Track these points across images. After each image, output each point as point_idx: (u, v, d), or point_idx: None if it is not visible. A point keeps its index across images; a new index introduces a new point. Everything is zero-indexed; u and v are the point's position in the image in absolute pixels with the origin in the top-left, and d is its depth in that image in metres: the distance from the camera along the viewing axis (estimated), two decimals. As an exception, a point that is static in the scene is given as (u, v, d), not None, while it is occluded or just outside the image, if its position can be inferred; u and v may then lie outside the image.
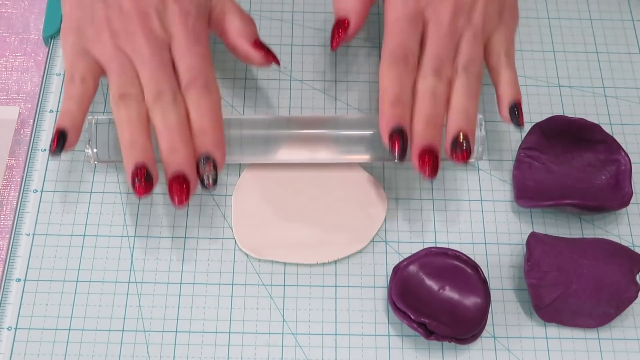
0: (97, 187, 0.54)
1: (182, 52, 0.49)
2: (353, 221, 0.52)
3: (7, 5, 0.62)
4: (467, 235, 0.53)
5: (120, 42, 0.49)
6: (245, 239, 0.52)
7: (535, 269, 0.49)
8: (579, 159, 0.54)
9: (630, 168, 0.53)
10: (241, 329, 0.50)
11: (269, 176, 0.54)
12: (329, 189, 0.53)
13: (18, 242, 0.52)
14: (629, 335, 0.50)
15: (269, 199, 0.53)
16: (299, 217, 0.52)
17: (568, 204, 0.51)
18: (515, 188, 0.53)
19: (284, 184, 0.54)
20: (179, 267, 0.51)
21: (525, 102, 0.58)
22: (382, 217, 0.53)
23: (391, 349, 0.49)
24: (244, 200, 0.53)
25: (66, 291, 0.50)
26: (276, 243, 0.52)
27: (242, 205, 0.53)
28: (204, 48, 0.50)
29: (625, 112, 0.58)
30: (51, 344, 0.49)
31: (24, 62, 0.59)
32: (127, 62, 0.49)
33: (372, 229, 0.52)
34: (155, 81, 0.48)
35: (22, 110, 0.57)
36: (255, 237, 0.52)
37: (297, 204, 0.53)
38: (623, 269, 0.49)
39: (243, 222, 0.52)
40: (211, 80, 0.49)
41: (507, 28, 0.52)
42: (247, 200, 0.53)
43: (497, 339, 0.50)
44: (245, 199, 0.53)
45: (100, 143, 0.51)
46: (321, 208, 0.53)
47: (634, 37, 0.62)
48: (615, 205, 0.52)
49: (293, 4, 0.62)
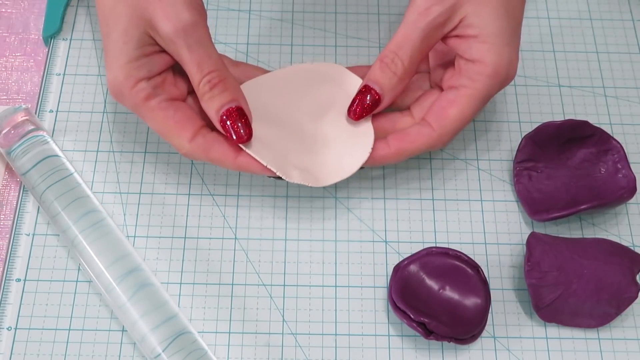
0: (97, 187, 0.54)
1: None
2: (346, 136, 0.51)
3: (7, 5, 0.62)
4: (467, 235, 0.53)
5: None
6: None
7: (535, 269, 0.49)
8: (573, 158, 0.54)
9: (624, 154, 0.53)
10: (241, 329, 0.50)
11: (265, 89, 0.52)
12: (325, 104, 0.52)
13: (18, 242, 0.52)
14: (629, 335, 0.50)
15: (265, 112, 0.51)
16: (295, 132, 0.51)
17: (583, 209, 0.51)
18: (524, 204, 0.53)
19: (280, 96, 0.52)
20: (178, 267, 0.52)
21: (525, 102, 0.58)
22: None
23: (391, 349, 0.49)
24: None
25: (66, 291, 0.50)
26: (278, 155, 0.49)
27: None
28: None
29: (625, 112, 0.58)
30: (51, 344, 0.49)
31: (24, 62, 0.59)
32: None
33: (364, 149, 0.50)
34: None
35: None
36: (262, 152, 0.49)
37: (292, 119, 0.51)
38: (623, 269, 0.49)
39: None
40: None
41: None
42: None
43: (497, 339, 0.50)
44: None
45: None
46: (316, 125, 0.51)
47: (634, 37, 0.62)
48: (625, 194, 0.52)
49: (293, 3, 0.62)
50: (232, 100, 0.47)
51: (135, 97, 0.48)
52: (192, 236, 0.53)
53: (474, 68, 0.48)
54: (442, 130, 0.49)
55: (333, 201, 0.54)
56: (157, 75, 0.49)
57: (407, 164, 0.55)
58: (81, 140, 0.56)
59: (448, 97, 0.49)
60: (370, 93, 0.50)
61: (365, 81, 0.50)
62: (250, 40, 0.60)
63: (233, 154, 0.48)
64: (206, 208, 0.54)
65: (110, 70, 0.48)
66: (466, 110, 0.49)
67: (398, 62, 0.49)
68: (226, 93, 0.47)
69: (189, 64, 0.47)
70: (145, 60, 0.48)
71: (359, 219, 0.54)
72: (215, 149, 0.48)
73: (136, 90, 0.48)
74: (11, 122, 0.53)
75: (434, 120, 0.49)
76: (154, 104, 0.48)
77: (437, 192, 0.55)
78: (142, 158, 0.55)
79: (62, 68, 0.58)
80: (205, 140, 0.48)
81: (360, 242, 0.53)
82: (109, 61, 0.48)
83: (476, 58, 0.48)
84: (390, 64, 0.49)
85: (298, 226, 0.53)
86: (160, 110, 0.48)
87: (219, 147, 0.48)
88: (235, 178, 0.55)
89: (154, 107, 0.48)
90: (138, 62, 0.47)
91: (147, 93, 0.48)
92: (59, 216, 0.50)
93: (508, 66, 0.48)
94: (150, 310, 0.47)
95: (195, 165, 0.55)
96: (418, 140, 0.49)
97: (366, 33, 0.61)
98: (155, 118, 0.48)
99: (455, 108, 0.49)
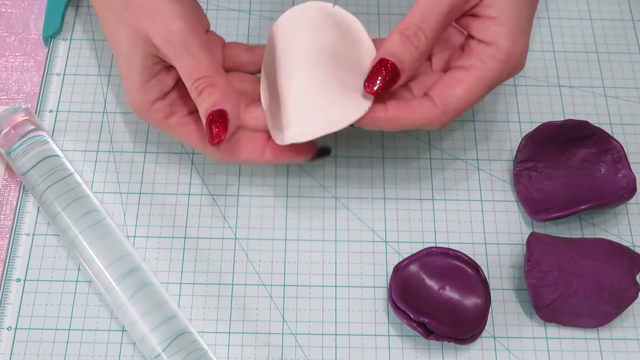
0: (97, 187, 0.54)
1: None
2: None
3: (7, 5, 0.62)
4: (467, 235, 0.53)
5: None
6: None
7: (535, 269, 0.49)
8: (573, 158, 0.54)
9: (624, 154, 0.53)
10: (241, 329, 0.50)
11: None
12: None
13: (18, 242, 0.52)
14: (629, 335, 0.50)
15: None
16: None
17: (583, 209, 0.51)
18: (524, 204, 0.53)
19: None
20: (178, 267, 0.52)
21: (525, 102, 0.58)
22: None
23: (391, 349, 0.49)
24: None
25: (66, 291, 0.50)
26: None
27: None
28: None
29: (625, 112, 0.58)
30: (51, 344, 0.49)
31: (24, 62, 0.59)
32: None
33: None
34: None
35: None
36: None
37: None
38: (623, 269, 0.49)
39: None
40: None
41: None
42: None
43: (497, 339, 0.50)
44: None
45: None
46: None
47: (634, 37, 0.62)
48: (625, 194, 0.51)
49: (293, 4, 0.62)
50: (215, 104, 0.46)
51: (155, 118, 0.49)
52: (192, 236, 0.53)
53: (487, 50, 0.47)
54: (445, 109, 0.47)
55: (333, 201, 0.54)
56: (170, 92, 0.49)
57: (407, 164, 0.55)
58: (81, 140, 0.56)
59: (456, 75, 0.47)
60: (390, 67, 0.46)
61: (382, 54, 0.46)
62: (250, 41, 0.60)
63: (260, 152, 0.49)
64: (206, 208, 0.54)
65: (127, 94, 0.49)
66: (472, 91, 0.47)
67: (421, 35, 0.46)
68: (212, 97, 0.46)
69: (180, 73, 0.47)
70: (155, 81, 0.48)
71: (359, 219, 0.54)
72: (241, 150, 0.49)
73: (154, 112, 0.49)
74: (11, 122, 0.53)
75: (437, 96, 0.47)
76: (173, 122, 0.49)
77: (437, 192, 0.55)
78: (142, 158, 0.55)
79: (62, 68, 0.58)
80: (230, 145, 0.48)
81: (360, 242, 0.53)
82: (124, 84, 0.49)
83: (491, 40, 0.47)
84: (413, 37, 0.45)
85: (298, 226, 0.53)
86: (181, 127, 0.49)
87: (245, 147, 0.49)
88: (235, 178, 0.55)
89: (175, 124, 0.49)
90: (148, 85, 0.48)
91: (165, 113, 0.49)
92: (59, 216, 0.50)
93: (521, 54, 0.47)
94: (150, 310, 0.47)
95: (195, 165, 0.55)
96: (418, 112, 0.47)
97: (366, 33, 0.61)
98: (179, 135, 0.49)
99: (461, 87, 0.47)
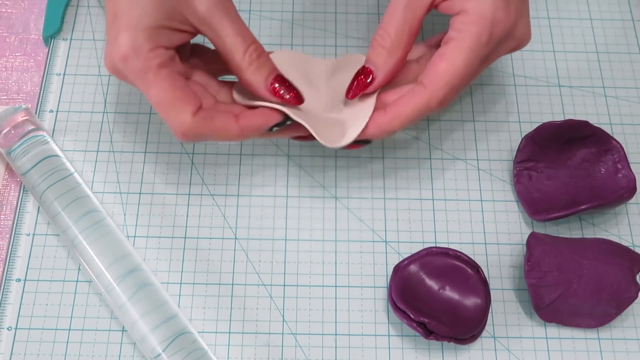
0: (97, 187, 0.54)
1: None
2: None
3: (7, 5, 0.62)
4: (467, 235, 0.53)
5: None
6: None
7: (535, 269, 0.49)
8: (573, 158, 0.54)
9: (624, 154, 0.53)
10: (241, 329, 0.50)
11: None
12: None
13: (18, 242, 0.52)
14: (629, 335, 0.50)
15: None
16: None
17: (583, 209, 0.51)
18: (524, 204, 0.53)
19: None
20: (178, 267, 0.52)
21: (525, 102, 0.58)
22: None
23: (391, 349, 0.49)
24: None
25: (66, 291, 0.50)
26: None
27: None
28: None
29: (625, 112, 0.58)
30: (51, 344, 0.49)
31: (24, 62, 0.59)
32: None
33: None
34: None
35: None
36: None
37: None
38: (623, 269, 0.49)
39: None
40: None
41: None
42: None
43: (497, 339, 0.50)
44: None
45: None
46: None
47: (634, 37, 0.62)
48: (625, 194, 0.52)
49: (293, 3, 0.62)
50: (275, 69, 0.49)
51: (150, 61, 0.47)
52: (192, 236, 0.53)
53: (459, 19, 0.48)
54: (433, 86, 0.48)
55: (333, 201, 0.54)
56: (172, 49, 0.48)
57: (407, 164, 0.55)
58: (81, 140, 0.56)
59: (438, 53, 0.49)
60: (365, 72, 0.50)
61: (364, 63, 0.51)
62: (250, 40, 0.60)
63: (234, 120, 0.48)
64: (206, 208, 0.54)
65: (126, 31, 0.46)
66: (456, 62, 0.48)
67: (386, 36, 0.49)
68: (270, 62, 0.49)
69: (231, 36, 0.47)
70: (168, 32, 0.48)
71: (359, 219, 0.54)
72: (217, 118, 0.48)
73: (153, 55, 0.47)
74: (11, 122, 0.53)
75: (425, 77, 0.49)
76: (165, 72, 0.47)
77: (437, 192, 0.55)
78: (142, 158, 0.55)
79: (62, 68, 0.58)
80: (206, 114, 0.48)
81: (360, 242, 0.53)
82: (124, 22, 0.47)
83: (459, 9, 0.48)
84: (380, 40, 0.49)
85: (298, 226, 0.53)
86: (171, 79, 0.47)
87: (221, 117, 0.48)
88: (235, 178, 0.55)
89: (165, 75, 0.47)
90: (163, 30, 0.47)
91: (162, 60, 0.47)
92: (59, 216, 0.50)
93: (493, 9, 0.48)
94: (150, 310, 0.47)
95: (195, 165, 0.55)
96: (412, 100, 0.49)
97: (366, 33, 0.61)
98: (163, 87, 0.47)
99: (444, 61, 0.48)
